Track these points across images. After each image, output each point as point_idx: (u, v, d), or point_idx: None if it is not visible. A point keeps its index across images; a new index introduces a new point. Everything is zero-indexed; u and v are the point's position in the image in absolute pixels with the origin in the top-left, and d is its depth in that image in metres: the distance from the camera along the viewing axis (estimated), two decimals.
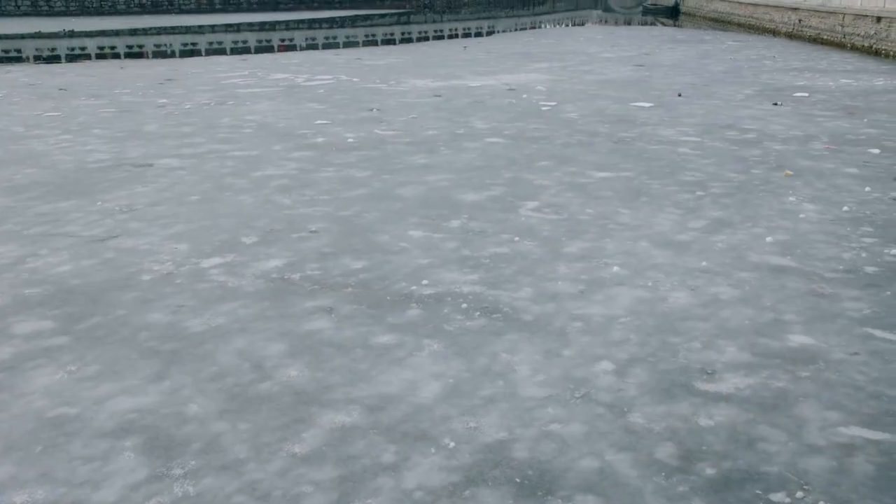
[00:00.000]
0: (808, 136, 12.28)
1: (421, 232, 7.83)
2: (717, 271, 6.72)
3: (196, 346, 5.42)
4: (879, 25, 24.32)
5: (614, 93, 17.08)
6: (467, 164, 10.70)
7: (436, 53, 27.60)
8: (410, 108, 15.38)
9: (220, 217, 8.37)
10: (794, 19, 31.87)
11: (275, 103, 16.06)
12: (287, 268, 6.90)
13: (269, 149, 11.72)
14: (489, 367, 5.09)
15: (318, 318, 5.86)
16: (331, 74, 20.86)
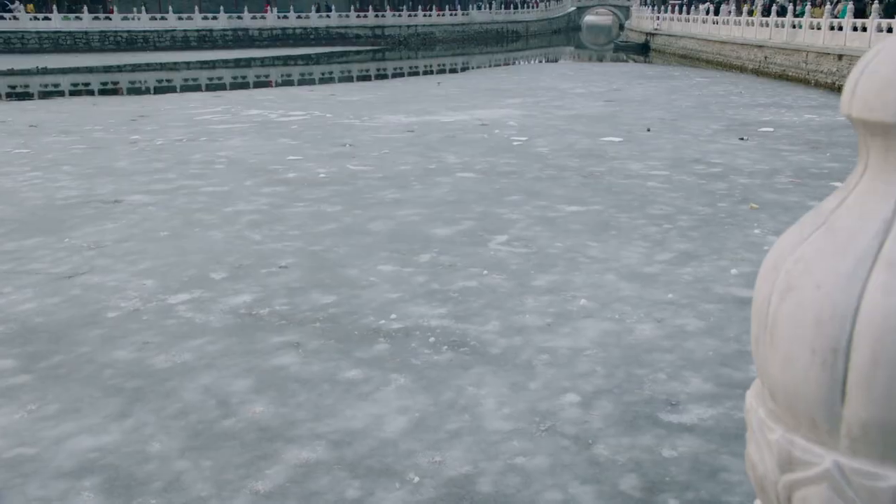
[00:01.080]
0: (773, 170, 12.50)
1: (390, 266, 7.84)
2: (682, 303, 6.79)
3: (160, 382, 5.36)
4: (841, 63, 24.96)
5: (585, 128, 17.31)
6: (438, 198, 10.76)
7: (410, 89, 27.86)
8: (383, 143, 15.48)
9: (189, 253, 8.33)
10: (760, 56, 32.61)
11: (247, 139, 16.09)
12: (255, 303, 6.87)
13: (240, 184, 11.72)
14: (455, 400, 5.09)
15: (285, 354, 5.83)
16: (305, 110, 20.96)
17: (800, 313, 0.55)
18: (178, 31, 52.51)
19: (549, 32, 75.84)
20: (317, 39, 57.37)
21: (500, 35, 68.68)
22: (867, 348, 0.52)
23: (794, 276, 0.56)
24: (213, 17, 54.35)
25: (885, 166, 0.56)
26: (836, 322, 0.53)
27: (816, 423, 0.55)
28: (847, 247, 0.55)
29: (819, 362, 0.53)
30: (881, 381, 0.51)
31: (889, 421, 0.51)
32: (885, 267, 0.52)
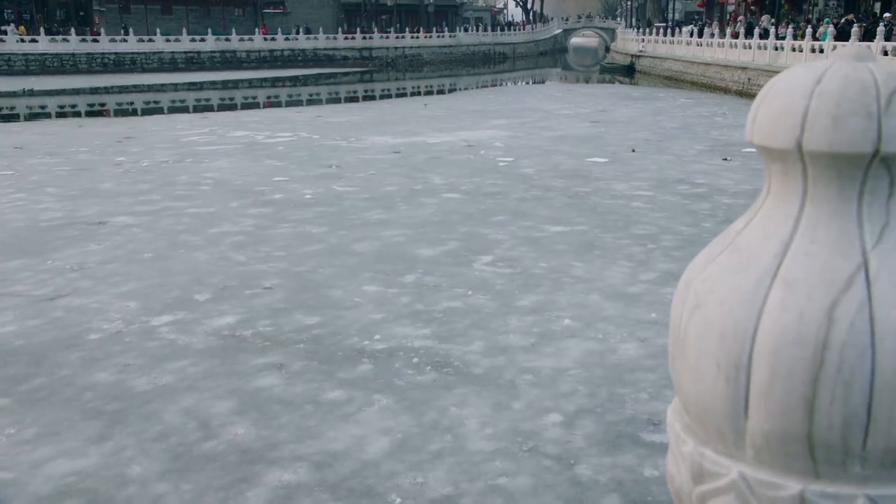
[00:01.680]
0: (755, 190, 12.62)
1: (375, 287, 7.85)
2: (665, 322, 6.81)
3: (141, 405, 5.33)
4: None
5: (570, 148, 17.43)
6: (424, 219, 10.79)
7: (396, 111, 27.99)
8: (369, 164, 15.52)
9: (173, 274, 8.31)
10: (743, 78, 32.99)
11: (233, 160, 16.10)
12: (239, 325, 6.85)
13: (225, 206, 11.71)
14: (438, 421, 5.08)
15: (268, 375, 5.81)
16: (291, 132, 21.01)
17: (706, 330, 0.57)
18: (166, 53, 52.60)
19: (536, 54, 76.42)
20: (304, 61, 57.59)
21: (487, 57, 69.16)
22: (765, 363, 0.54)
23: (701, 294, 0.58)
24: (200, 39, 54.49)
25: (785, 190, 0.58)
26: (738, 338, 0.55)
27: (724, 436, 0.56)
28: (749, 266, 0.57)
29: (724, 377, 0.55)
30: (779, 394, 0.53)
31: (788, 433, 0.53)
32: (782, 285, 0.54)
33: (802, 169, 0.57)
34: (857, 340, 0.51)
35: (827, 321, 0.52)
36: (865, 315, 0.51)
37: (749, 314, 0.54)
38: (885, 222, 0.54)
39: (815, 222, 0.56)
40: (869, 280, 0.51)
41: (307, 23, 63.91)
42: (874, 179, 0.54)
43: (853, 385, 0.50)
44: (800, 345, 0.52)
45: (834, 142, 0.54)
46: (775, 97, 0.59)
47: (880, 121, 0.53)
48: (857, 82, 0.54)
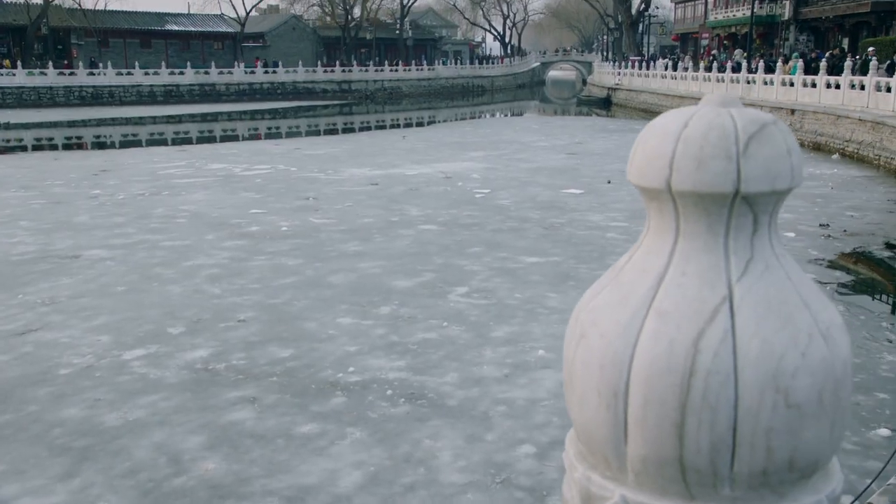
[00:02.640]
0: None
1: (350, 319, 7.83)
2: None
3: (111, 440, 5.26)
4: (794, 117, 25.76)
5: (546, 180, 17.57)
6: (400, 250, 10.81)
7: (375, 143, 28.12)
8: (346, 196, 15.56)
9: (146, 308, 8.25)
10: None
11: (210, 193, 16.08)
12: (212, 358, 6.81)
13: (201, 238, 11.67)
14: (411, 454, 5.06)
15: (240, 409, 5.77)
16: (269, 164, 21.02)
17: (589, 360, 0.59)
18: (145, 86, 52.60)
19: (514, 87, 77.24)
20: (284, 94, 57.78)
21: (465, 89, 69.80)
22: (640, 391, 0.56)
23: (586, 325, 0.60)
24: (179, 73, 54.57)
25: (661, 227, 0.61)
26: (616, 368, 0.58)
27: (608, 460, 0.58)
28: (627, 299, 0.60)
29: (604, 405, 0.57)
30: (652, 420, 0.55)
31: (662, 457, 0.55)
32: (655, 316, 0.57)
33: (674, 207, 0.61)
34: (721, 368, 0.53)
35: (693, 350, 0.55)
36: (729, 344, 0.54)
37: (626, 345, 0.57)
38: (749, 256, 0.58)
39: (686, 256, 0.59)
40: (733, 311, 0.55)
41: (286, 56, 64.25)
42: (738, 217, 0.58)
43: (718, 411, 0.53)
44: (669, 373, 0.55)
45: (698, 182, 0.58)
46: (648, 140, 0.62)
47: (739, 163, 0.56)
48: (719, 127, 0.58)
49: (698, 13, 67.79)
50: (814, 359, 0.55)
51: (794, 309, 0.56)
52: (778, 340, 0.54)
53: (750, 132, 0.58)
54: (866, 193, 15.56)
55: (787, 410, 0.53)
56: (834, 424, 0.57)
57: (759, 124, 0.59)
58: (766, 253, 0.60)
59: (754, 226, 0.59)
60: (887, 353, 6.87)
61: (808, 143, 24.27)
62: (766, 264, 0.59)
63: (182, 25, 64.47)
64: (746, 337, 0.54)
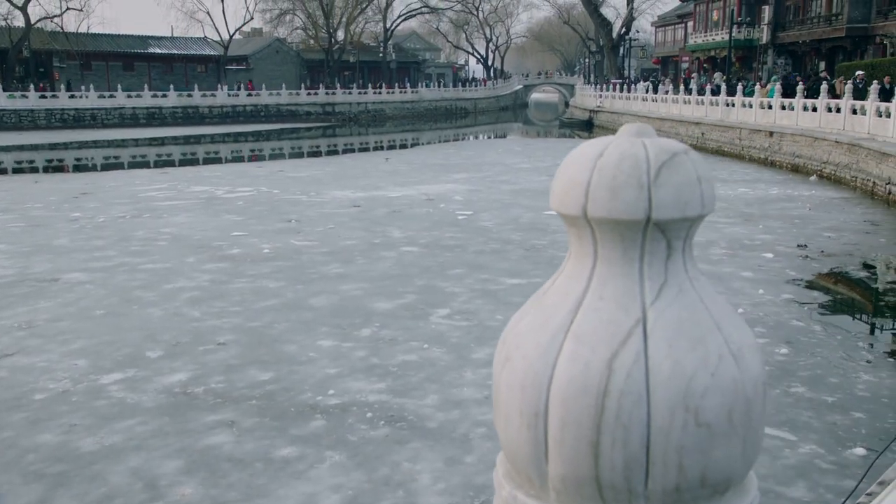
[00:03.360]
0: (708, 242, 12.89)
1: (330, 341, 7.82)
2: None
3: (86, 466, 5.21)
4: (772, 139, 26.09)
5: (529, 202, 17.66)
6: (382, 272, 10.82)
7: (358, 165, 28.17)
8: (329, 218, 15.56)
9: (125, 331, 8.19)
10: (697, 132, 33.90)
11: (192, 215, 16.03)
12: (191, 381, 6.76)
13: (182, 261, 11.62)
14: (390, 476, 5.04)
15: (218, 433, 5.73)
16: (252, 186, 21.01)
17: (512, 381, 0.61)
18: (127, 109, 52.48)
19: (497, 109, 77.72)
20: (267, 116, 57.84)
21: (449, 112, 70.17)
22: (558, 411, 0.58)
23: (511, 347, 0.63)
24: (162, 95, 54.52)
25: (581, 252, 0.64)
26: (536, 388, 0.60)
27: (531, 479, 0.60)
28: (548, 322, 0.62)
29: (526, 424, 0.59)
30: (569, 440, 0.57)
31: (579, 476, 0.57)
32: (573, 339, 0.59)
33: (592, 233, 0.63)
34: (633, 389, 0.56)
35: (607, 371, 0.57)
36: (641, 365, 0.56)
37: (545, 366, 0.59)
38: (663, 280, 0.60)
39: (603, 281, 0.62)
40: (646, 333, 0.57)
41: (270, 79, 64.37)
42: (652, 242, 0.60)
43: (631, 430, 0.55)
44: (585, 394, 0.57)
45: (612, 210, 0.61)
46: (567, 169, 0.65)
47: (650, 191, 0.59)
48: (632, 157, 0.61)
49: (678, 37, 68.74)
50: (724, 379, 0.57)
51: (705, 331, 0.58)
52: (688, 361, 0.57)
53: (661, 161, 0.61)
54: (843, 215, 15.75)
55: (697, 429, 0.55)
56: (746, 442, 0.59)
57: (670, 153, 0.62)
58: (680, 277, 0.62)
59: (668, 251, 0.62)
60: (864, 372, 6.93)
61: (787, 164, 24.57)
62: (679, 288, 0.61)
63: (165, 48, 64.50)
64: (658, 358, 0.57)
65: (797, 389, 6.53)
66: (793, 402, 6.27)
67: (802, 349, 7.57)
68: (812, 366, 7.10)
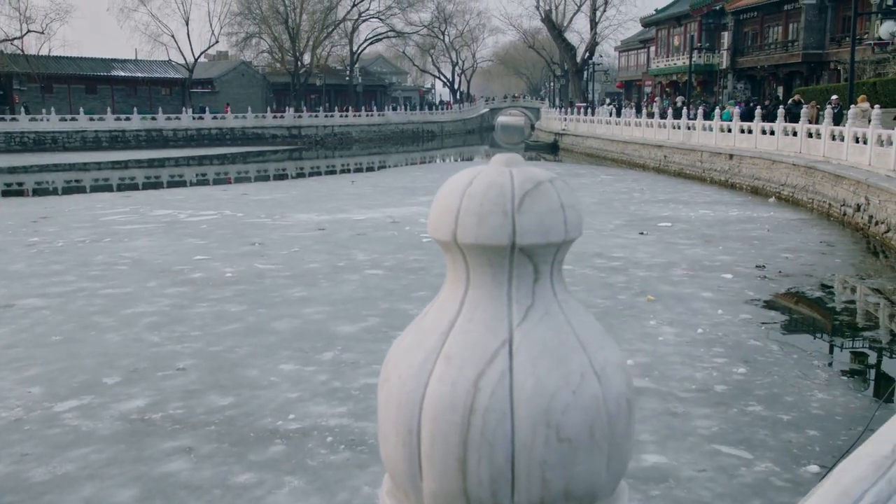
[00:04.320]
0: (669, 263, 13.06)
1: (292, 365, 7.76)
2: None
3: (37, 497, 5.09)
4: (732, 162, 26.60)
5: None
6: (345, 295, 10.78)
7: (324, 188, 28.13)
8: (293, 241, 15.49)
9: (82, 357, 8.06)
10: (660, 155, 34.44)
11: (154, 239, 15.85)
12: (148, 408, 6.66)
13: (142, 286, 11.48)
14: (350, 501, 5.01)
15: (176, 460, 5.65)
16: (215, 210, 20.85)
17: (389, 400, 0.64)
18: (89, 132, 51.89)
19: (464, 132, 78.18)
20: (233, 140, 57.57)
21: (415, 135, 70.44)
22: (428, 429, 0.61)
23: (389, 368, 0.65)
24: (125, 118, 54.02)
25: (455, 276, 0.67)
26: (410, 407, 0.62)
27: (408, 495, 0.62)
28: (422, 343, 0.65)
29: (401, 442, 0.61)
30: (439, 456, 0.59)
31: (449, 491, 0.60)
32: (444, 360, 0.62)
33: (463, 259, 0.66)
34: (497, 406, 0.58)
35: (473, 389, 0.59)
36: (506, 383, 0.59)
37: (418, 385, 0.61)
38: (530, 303, 0.63)
39: (474, 304, 0.65)
40: (512, 353, 0.60)
41: (236, 102, 64.12)
42: (519, 267, 0.64)
43: (496, 446, 0.57)
44: (452, 411, 0.60)
45: (479, 236, 0.64)
46: (440, 197, 0.68)
47: (514, 218, 0.62)
48: (498, 185, 0.64)
49: (641, 61, 69.96)
50: (585, 396, 0.60)
51: (569, 350, 0.61)
52: (551, 379, 0.60)
53: (525, 189, 0.64)
54: (801, 236, 16.08)
55: (559, 444, 0.58)
56: (610, 457, 0.61)
57: (535, 182, 0.65)
58: (548, 299, 0.65)
59: (535, 275, 0.65)
60: (818, 391, 7.06)
61: (747, 186, 25.04)
62: (546, 310, 0.64)
63: (129, 71, 63.98)
64: (522, 377, 0.59)
65: (754, 408, 6.63)
66: (749, 420, 6.36)
67: (760, 368, 7.69)
68: (769, 384, 7.22)
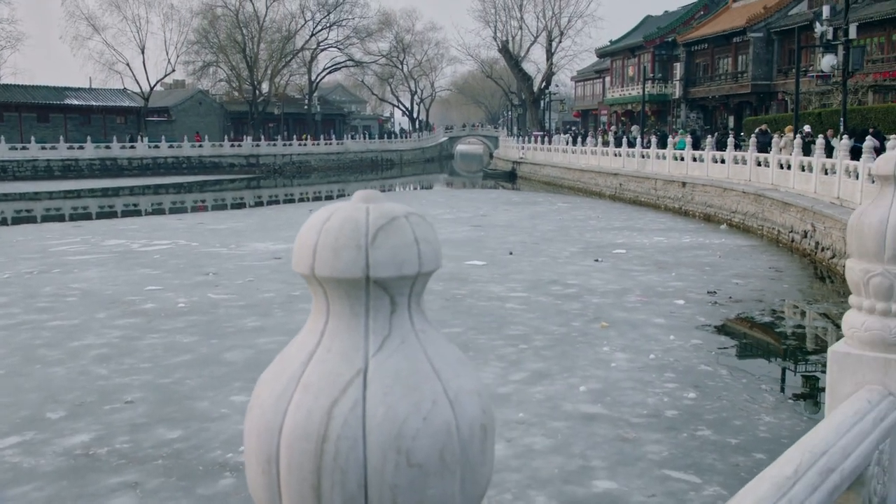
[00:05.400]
0: (623, 290, 13.22)
1: (244, 397, 7.65)
2: (532, 422, 6.94)
3: None
4: (685, 189, 27.14)
5: (450, 252, 17.81)
6: (300, 325, 10.47)
7: (281, 217, 27.97)
8: (248, 270, 15.35)
9: (25, 392, 7.85)
10: (615, 183, 35.00)
11: (105, 270, 15.58)
12: (93, 443, 6.51)
13: (91, 317, 11.25)
14: None
15: (120, 495, 5.52)
16: (170, 239, 20.59)
17: (251, 428, 0.66)
18: (41, 161, 50.98)
19: (423, 161, 78.60)
20: (189, 168, 57.05)
21: (374, 163, 70.57)
22: (285, 456, 0.63)
23: (254, 397, 0.67)
24: (79, 147, 53.23)
25: (317, 308, 0.70)
26: (269, 435, 0.64)
27: None
28: (283, 373, 0.67)
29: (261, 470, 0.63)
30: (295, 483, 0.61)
31: None
32: (301, 389, 0.64)
33: (323, 291, 0.69)
34: (349, 434, 0.61)
35: (327, 417, 0.62)
36: (359, 412, 0.61)
37: (277, 414, 0.63)
38: (387, 333, 0.66)
39: (333, 335, 0.67)
40: (366, 382, 0.62)
41: (193, 130, 63.59)
42: (376, 299, 0.66)
43: (348, 472, 0.59)
44: (306, 439, 0.62)
45: (334, 269, 0.67)
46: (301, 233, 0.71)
47: (367, 252, 0.65)
48: (353, 220, 0.67)
49: (597, 91, 71.26)
50: (436, 422, 0.63)
51: (422, 379, 0.64)
52: (401, 407, 0.62)
53: (379, 224, 0.67)
54: (751, 262, 16.43)
55: (410, 469, 0.60)
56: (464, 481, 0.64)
57: (389, 218, 0.68)
58: (405, 330, 0.68)
59: (392, 306, 0.68)
60: (765, 414, 7.18)
61: (699, 214, 25.54)
62: (402, 340, 0.67)
63: (83, 100, 63.12)
64: (374, 405, 0.62)
65: (703, 432, 6.72)
66: (698, 445, 6.44)
67: (709, 393, 7.80)
68: (718, 409, 7.33)
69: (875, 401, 1.71)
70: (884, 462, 1.73)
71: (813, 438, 1.53)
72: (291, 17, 71.37)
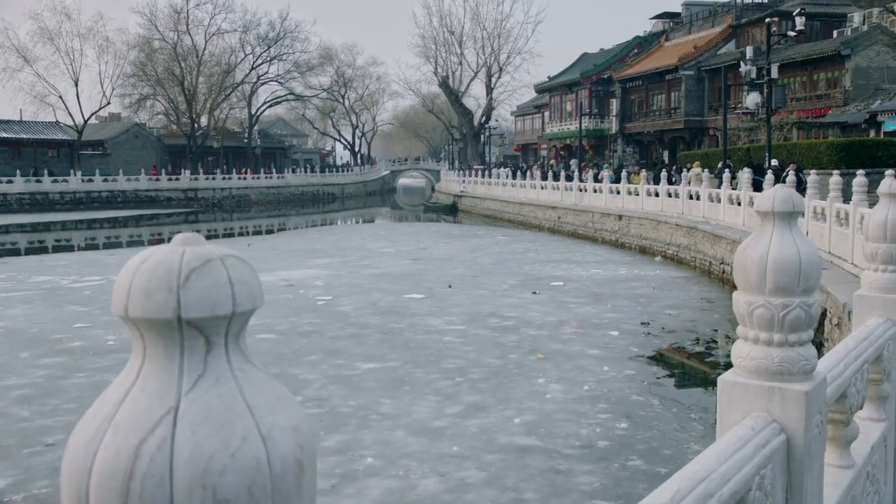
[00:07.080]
0: (559, 322, 13.38)
1: None
2: (466, 455, 6.94)
3: None
4: (621, 222, 27.73)
5: (389, 286, 17.80)
6: None
7: None
8: None
9: None
10: (554, 216, 35.54)
11: (31, 307, 15.09)
12: (10, 488, 6.26)
13: (14, 356, 10.87)
14: None
15: None
16: (101, 275, 20.07)
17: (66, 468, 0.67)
18: None
19: (365, 194, 78.58)
20: (125, 202, 55.92)
21: (316, 197, 70.24)
22: (94, 495, 0.64)
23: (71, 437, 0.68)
24: (7, 181, 51.72)
25: (136, 348, 0.71)
26: (80, 474, 0.65)
27: None
28: (98, 412, 0.68)
29: None
30: None
31: None
32: (112, 428, 0.66)
33: (139, 332, 0.71)
34: (156, 471, 0.62)
35: (134, 456, 0.63)
36: (166, 449, 0.63)
37: (88, 454, 0.65)
38: (201, 372, 0.68)
39: (148, 375, 0.69)
40: (176, 420, 0.64)
41: (129, 164, 62.40)
42: (190, 339, 0.69)
43: None
44: (113, 478, 0.63)
45: (147, 310, 0.69)
46: (120, 274, 0.73)
47: (179, 293, 0.68)
48: (167, 263, 0.70)
49: (536, 125, 72.59)
50: (245, 458, 0.65)
51: (234, 416, 0.66)
52: (209, 444, 0.64)
53: (192, 266, 0.69)
54: (683, 293, 16.82)
55: None
56: None
57: (203, 260, 0.71)
58: (221, 369, 0.70)
59: (207, 346, 0.70)
60: (694, 443, 7.32)
61: (635, 246, 26.09)
62: (216, 379, 0.69)
63: (13, 132, 61.41)
64: (182, 442, 0.64)
65: (634, 462, 6.81)
66: (629, 475, 6.53)
67: (641, 423, 7.92)
68: (648, 438, 7.44)
69: (759, 427, 1.77)
70: (766, 487, 1.79)
71: (695, 465, 1.58)
72: (231, 51, 71.00)
